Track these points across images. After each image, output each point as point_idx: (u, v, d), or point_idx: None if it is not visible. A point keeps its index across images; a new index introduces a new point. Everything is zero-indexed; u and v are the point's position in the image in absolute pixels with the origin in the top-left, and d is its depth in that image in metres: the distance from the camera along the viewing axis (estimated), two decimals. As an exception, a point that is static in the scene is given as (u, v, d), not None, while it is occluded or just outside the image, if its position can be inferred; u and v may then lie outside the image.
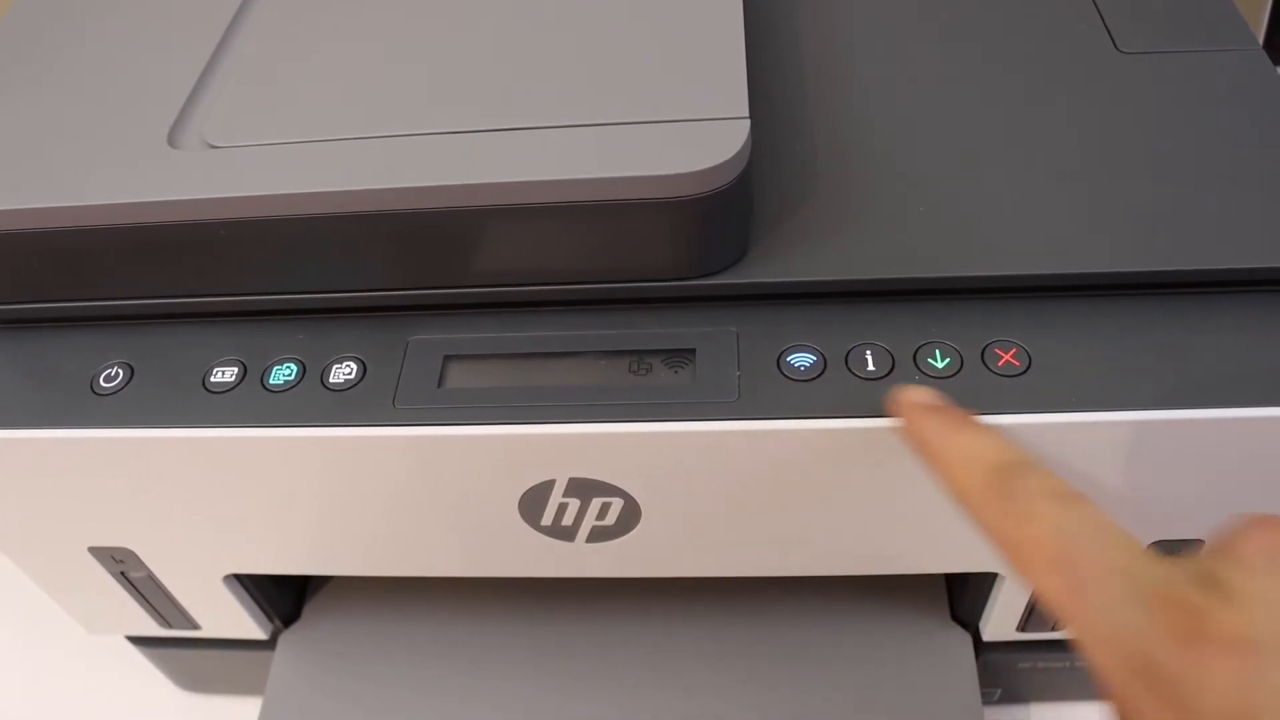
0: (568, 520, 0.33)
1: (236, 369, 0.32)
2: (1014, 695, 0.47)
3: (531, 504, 0.33)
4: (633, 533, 0.34)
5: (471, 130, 0.30)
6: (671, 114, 0.30)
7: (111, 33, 0.37)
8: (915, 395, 0.28)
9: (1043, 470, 0.24)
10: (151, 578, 0.39)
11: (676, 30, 0.33)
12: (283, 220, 0.30)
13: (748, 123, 0.29)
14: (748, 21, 0.33)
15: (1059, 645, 0.42)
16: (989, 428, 0.26)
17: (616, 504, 0.32)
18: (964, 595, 0.42)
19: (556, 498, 0.32)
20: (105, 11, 0.38)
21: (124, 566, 0.38)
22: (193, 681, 0.50)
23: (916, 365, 0.30)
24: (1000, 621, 0.39)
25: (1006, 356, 0.30)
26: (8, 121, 0.33)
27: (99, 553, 0.37)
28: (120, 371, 0.32)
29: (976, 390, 0.29)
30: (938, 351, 0.30)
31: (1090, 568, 0.21)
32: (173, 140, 0.32)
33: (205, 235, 0.30)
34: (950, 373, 0.30)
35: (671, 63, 0.32)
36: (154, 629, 0.43)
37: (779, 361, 0.30)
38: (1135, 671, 0.20)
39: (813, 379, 0.30)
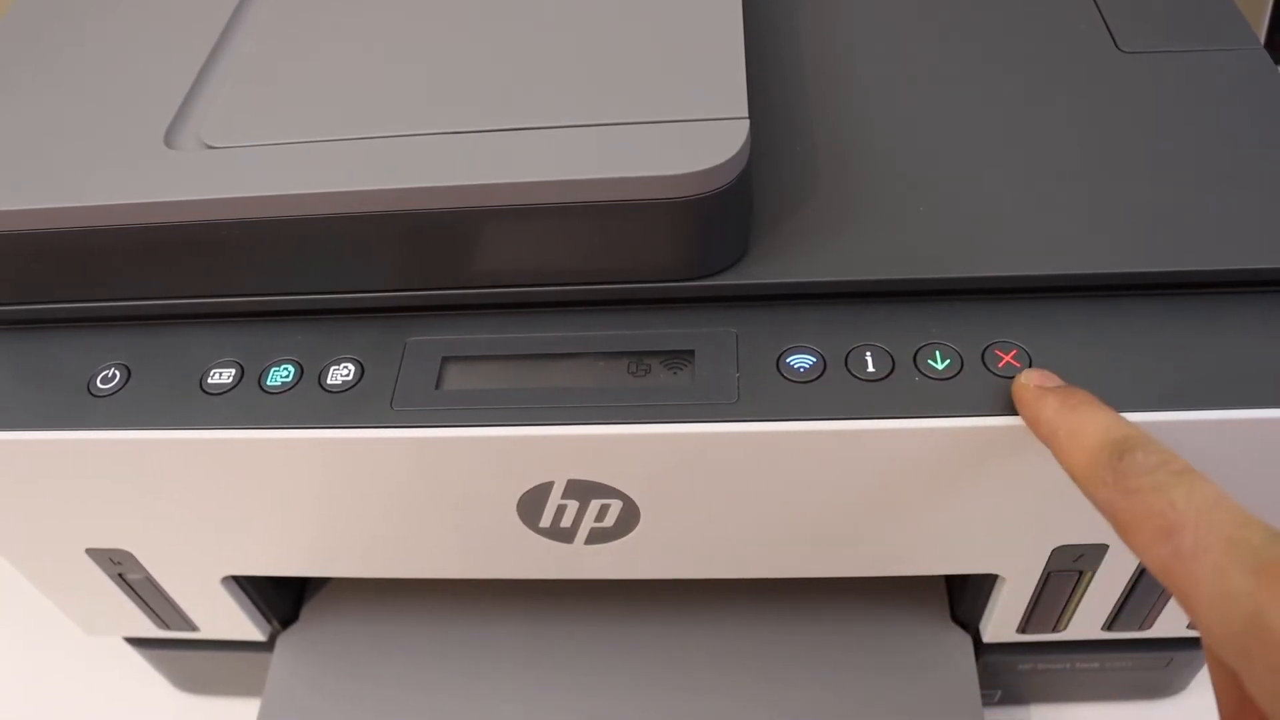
0: (566, 522, 0.33)
1: (234, 370, 0.32)
2: (1014, 697, 0.46)
3: (530, 505, 0.33)
4: (631, 534, 0.34)
5: (469, 131, 0.30)
6: (671, 114, 0.30)
7: (109, 33, 0.37)
8: (1031, 377, 0.28)
9: (1158, 446, 0.24)
10: (149, 579, 0.39)
11: (676, 31, 0.33)
12: (280, 221, 0.30)
13: (747, 123, 0.29)
14: (747, 21, 0.33)
15: (1059, 647, 0.42)
16: (1105, 406, 0.26)
17: (615, 506, 0.32)
18: (964, 596, 0.42)
19: (555, 499, 0.32)
20: (103, 12, 0.38)
21: (122, 568, 0.38)
22: (191, 683, 0.50)
23: (917, 367, 0.30)
24: (1000, 623, 0.39)
25: (1007, 358, 0.30)
26: (4, 122, 0.33)
27: (96, 554, 0.37)
28: (117, 373, 0.32)
29: (977, 392, 0.29)
30: (938, 353, 0.30)
31: (1202, 536, 0.21)
32: (169, 141, 0.31)
33: (202, 236, 0.30)
34: (951, 374, 0.29)
35: (671, 63, 0.31)
36: (152, 630, 0.43)
37: (778, 363, 0.30)
38: (1244, 635, 0.19)
39: (812, 380, 0.30)
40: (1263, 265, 0.30)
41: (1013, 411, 0.29)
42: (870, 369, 0.30)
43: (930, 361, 0.30)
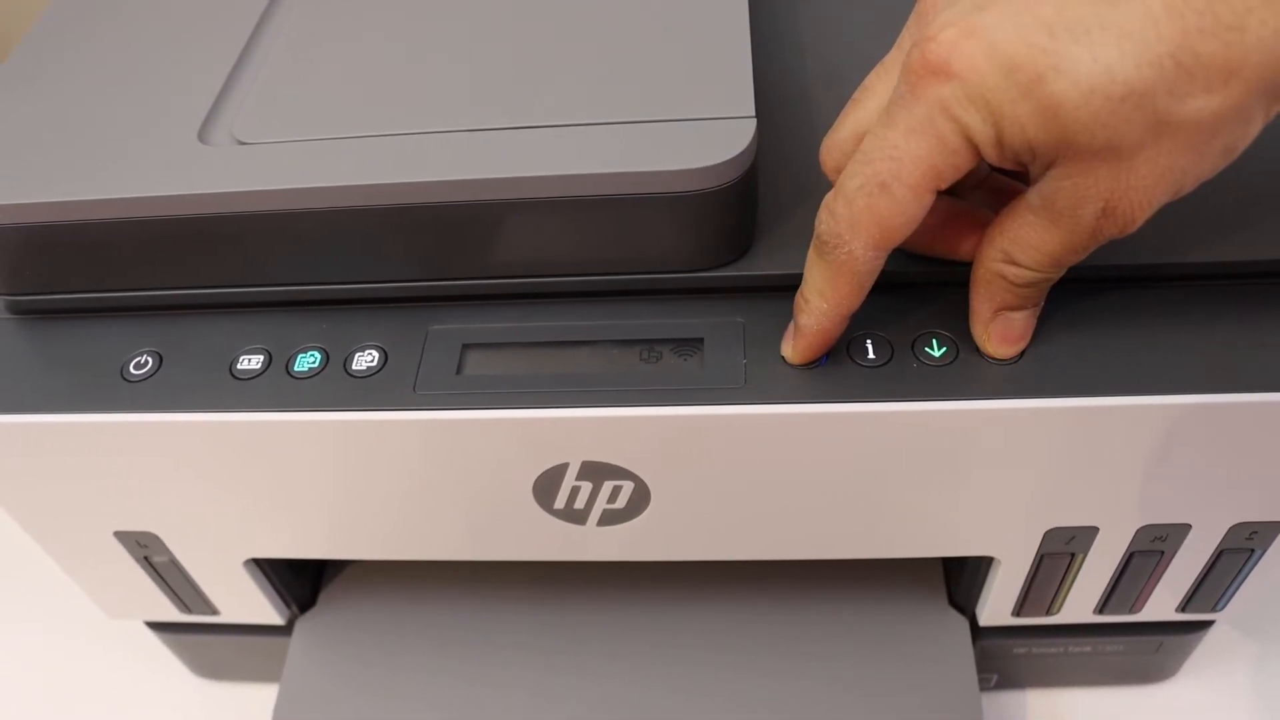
0: (580, 504, 0.35)
1: (262, 357, 0.33)
2: (1010, 681, 0.48)
3: (545, 487, 0.34)
4: (642, 516, 0.35)
5: (490, 128, 0.31)
6: (681, 113, 0.31)
7: (144, 32, 0.38)
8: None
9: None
10: (174, 562, 0.40)
11: (685, 33, 0.34)
12: (308, 213, 0.31)
13: (754, 122, 0.31)
14: (752, 20, 0.34)
15: (1053, 630, 0.43)
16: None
17: (627, 487, 0.34)
18: (961, 580, 0.43)
19: (570, 480, 0.34)
20: (138, 11, 0.39)
21: (148, 551, 0.39)
22: (209, 669, 0.51)
23: (914, 353, 0.31)
24: (996, 606, 0.40)
25: (1001, 345, 0.31)
26: (45, 117, 0.35)
27: (124, 537, 0.39)
28: (150, 359, 0.34)
29: (972, 377, 0.30)
30: (934, 340, 0.31)
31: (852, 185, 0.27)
32: (203, 137, 0.33)
33: (233, 228, 0.32)
34: (947, 360, 0.31)
35: (681, 64, 0.33)
36: (173, 614, 0.44)
37: (783, 350, 0.32)
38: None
39: (815, 366, 0.31)
40: (1254, 259, 0.31)
41: (1009, 395, 0.30)
42: (871, 356, 0.31)
43: (928, 349, 0.31)
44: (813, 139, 0.36)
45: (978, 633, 0.43)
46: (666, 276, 0.33)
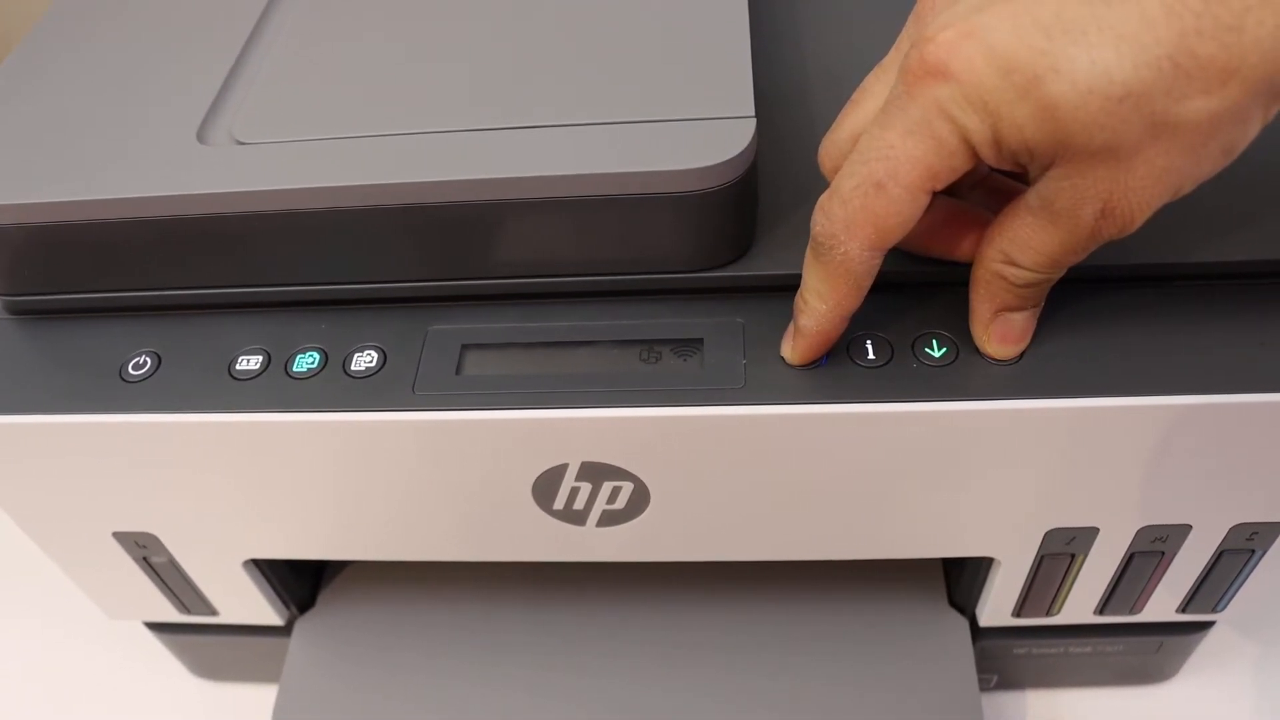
0: (579, 504, 0.35)
1: (261, 357, 0.33)
2: (1011, 682, 0.48)
3: (545, 488, 0.34)
4: (641, 516, 0.35)
5: (490, 128, 0.31)
6: (681, 113, 0.31)
7: (144, 32, 0.38)
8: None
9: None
10: (173, 563, 0.40)
11: (685, 33, 0.34)
12: (307, 213, 0.31)
13: (753, 122, 0.31)
14: (752, 20, 0.34)
15: (1053, 631, 0.43)
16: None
17: (626, 488, 0.34)
18: (961, 580, 0.43)
19: (569, 481, 0.33)
20: (138, 11, 0.39)
21: (146, 551, 0.39)
22: (209, 669, 0.51)
23: (914, 354, 0.31)
24: (996, 607, 0.40)
25: (1002, 346, 0.31)
26: (45, 117, 0.35)
27: (123, 538, 0.39)
28: (148, 360, 0.34)
29: (972, 377, 0.30)
30: (935, 341, 0.31)
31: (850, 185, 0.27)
32: (202, 137, 0.33)
33: (232, 228, 0.32)
34: (947, 361, 0.31)
35: (681, 64, 0.33)
36: (173, 615, 0.44)
37: (783, 350, 0.32)
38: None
39: (815, 367, 0.31)
40: (1252, 259, 0.31)
41: (1009, 396, 0.30)
42: (871, 356, 0.31)
43: (928, 349, 0.31)
44: (813, 139, 0.36)
45: (978, 633, 0.43)
46: (666, 276, 0.33)
